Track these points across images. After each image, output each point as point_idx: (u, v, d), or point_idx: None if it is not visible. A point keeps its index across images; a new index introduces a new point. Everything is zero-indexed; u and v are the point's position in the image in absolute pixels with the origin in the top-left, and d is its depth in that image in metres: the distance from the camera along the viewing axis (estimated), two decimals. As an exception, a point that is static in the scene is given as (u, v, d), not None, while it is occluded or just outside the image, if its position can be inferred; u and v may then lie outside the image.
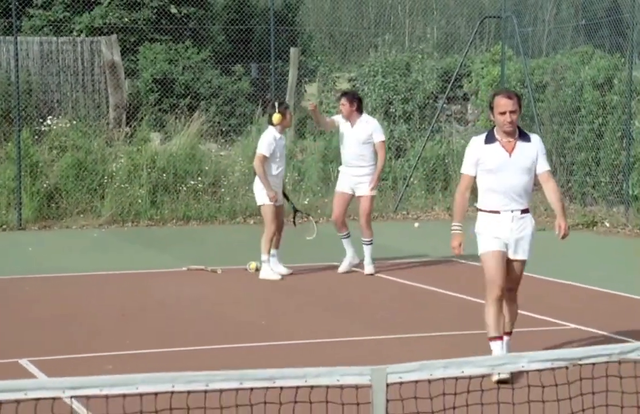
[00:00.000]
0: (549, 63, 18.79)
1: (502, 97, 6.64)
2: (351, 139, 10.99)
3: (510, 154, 6.61)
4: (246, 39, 21.54)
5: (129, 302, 9.67)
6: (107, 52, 19.27)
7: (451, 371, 3.41)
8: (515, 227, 6.66)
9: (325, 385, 3.26)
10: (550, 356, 3.48)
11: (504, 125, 6.58)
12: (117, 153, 16.63)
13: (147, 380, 3.15)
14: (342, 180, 11.22)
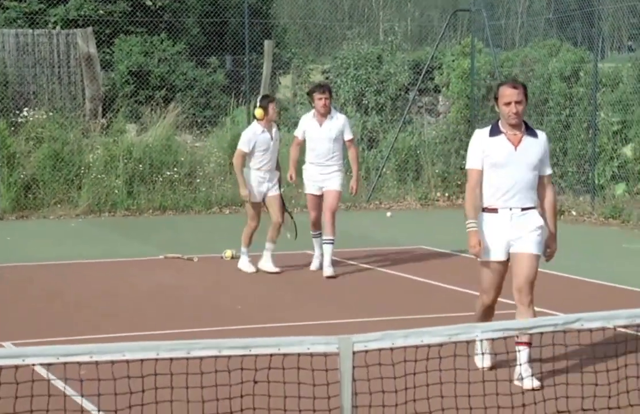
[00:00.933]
0: (518, 55, 19.19)
1: (507, 87, 6.25)
2: (321, 136, 10.43)
3: (516, 147, 6.23)
4: (221, 31, 21.76)
5: (107, 290, 9.93)
6: (83, 44, 19.44)
7: (411, 340, 3.73)
8: (515, 224, 6.23)
9: (297, 353, 3.56)
10: (501, 327, 3.80)
11: (509, 116, 6.18)
12: (94, 144, 16.85)
13: (133, 348, 3.44)
14: (309, 180, 10.60)
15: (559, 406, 3.91)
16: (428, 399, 3.83)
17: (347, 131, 10.59)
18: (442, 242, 13.05)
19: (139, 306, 9.14)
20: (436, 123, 19.68)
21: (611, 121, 16.79)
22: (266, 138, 10.45)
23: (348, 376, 3.59)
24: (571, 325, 3.87)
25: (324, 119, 10.43)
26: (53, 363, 3.31)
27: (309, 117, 10.64)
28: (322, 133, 10.43)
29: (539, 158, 6.28)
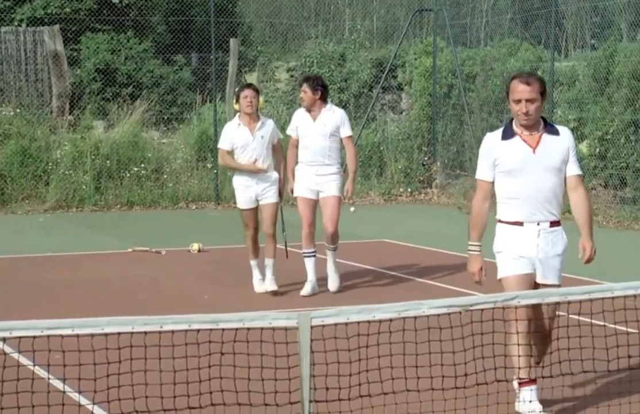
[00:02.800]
0: (478, 54, 19.65)
1: (519, 82, 5.34)
2: (314, 132, 9.18)
3: (534, 149, 5.33)
4: (187, 29, 22.03)
5: (76, 280, 10.20)
6: (50, 41, 19.62)
7: (364, 316, 4.10)
8: (542, 243, 5.32)
9: (260, 327, 3.92)
10: (446, 303, 4.19)
11: (518, 116, 5.33)
12: (61, 141, 17.08)
13: (110, 322, 3.79)
14: (302, 182, 9.28)
15: (498, 375, 4.31)
16: (379, 369, 4.21)
17: (345, 127, 9.33)
18: (404, 235, 13.46)
19: (109, 294, 9.44)
20: (399, 120, 20.10)
21: (568, 118, 17.29)
22: (243, 134, 9.22)
23: (306, 348, 3.95)
24: (510, 302, 4.27)
25: (318, 113, 9.21)
26: (38, 336, 3.65)
27: (301, 112, 9.44)
28: (316, 128, 9.19)
29: (563, 158, 5.37)
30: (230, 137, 9.28)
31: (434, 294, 9.04)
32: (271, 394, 4.00)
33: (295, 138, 9.40)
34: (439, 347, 4.36)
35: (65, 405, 4.00)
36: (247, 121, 9.22)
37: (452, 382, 4.27)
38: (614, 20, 19.92)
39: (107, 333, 3.72)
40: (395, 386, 4.31)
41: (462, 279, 9.96)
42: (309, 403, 3.87)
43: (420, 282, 9.99)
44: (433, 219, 15.86)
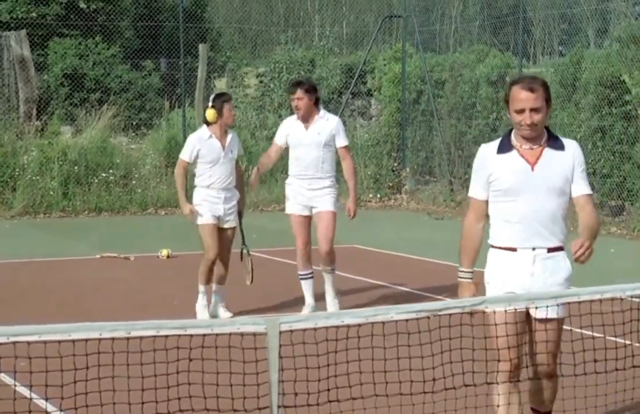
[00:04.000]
0: (447, 60, 19.76)
1: (521, 89, 4.60)
2: (307, 142, 8.38)
3: (533, 166, 4.64)
4: (155, 34, 21.96)
5: (43, 286, 10.13)
6: (17, 46, 19.47)
7: (332, 321, 4.11)
8: (538, 271, 4.65)
9: (228, 333, 3.91)
10: (414, 308, 4.20)
11: (521, 128, 4.61)
12: (28, 146, 16.96)
13: (78, 329, 3.76)
14: (293, 198, 8.52)
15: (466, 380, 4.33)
16: (348, 375, 4.22)
17: (341, 136, 8.50)
18: (373, 241, 13.49)
19: (77, 300, 9.39)
20: (369, 126, 20.16)
21: (535, 124, 17.42)
22: (214, 147, 8.41)
23: (275, 354, 3.94)
24: (478, 307, 4.29)
25: (311, 121, 8.42)
26: (3, 342, 3.61)
27: (291, 120, 8.59)
28: (309, 138, 8.39)
29: (567, 177, 4.65)
30: (196, 149, 8.39)
31: (403, 300, 9.08)
32: (240, 400, 4.00)
33: (280, 145, 8.59)
34: (407, 352, 4.38)
35: (31, 412, 3.97)
36: (219, 134, 8.41)
37: (420, 387, 4.28)
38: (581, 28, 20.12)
39: (75, 339, 3.69)
40: (363, 391, 4.32)
41: (431, 285, 10.01)
42: (277, 408, 3.87)
43: (390, 288, 10.03)
44: (402, 224, 15.92)
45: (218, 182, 8.43)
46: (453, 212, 17.05)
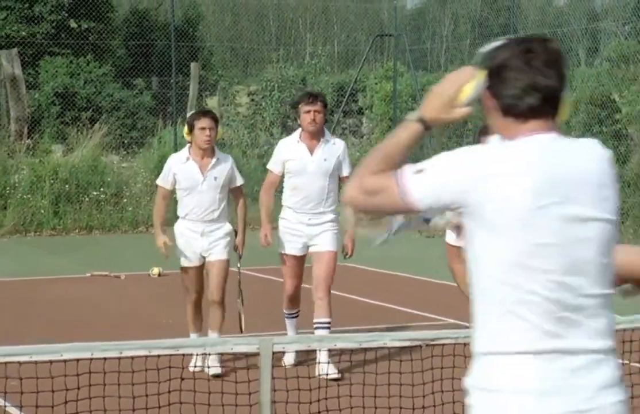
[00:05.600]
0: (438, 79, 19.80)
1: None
2: (313, 170, 7.20)
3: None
4: (147, 53, 21.99)
5: (33, 306, 10.08)
6: (8, 65, 19.46)
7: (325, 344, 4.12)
8: None
9: (221, 352, 3.91)
10: (408, 336, 4.20)
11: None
12: (19, 165, 16.94)
13: (69, 349, 3.75)
14: (289, 235, 7.28)
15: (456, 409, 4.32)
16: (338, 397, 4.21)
17: (347, 163, 7.32)
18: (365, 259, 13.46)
19: (67, 319, 9.34)
20: (360, 144, 20.19)
21: (526, 142, 17.50)
22: (191, 172, 7.22)
23: (267, 374, 3.94)
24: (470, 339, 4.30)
25: (316, 144, 7.22)
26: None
27: (291, 142, 7.33)
28: (314, 165, 7.20)
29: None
30: (172, 172, 7.26)
31: (395, 319, 9.05)
32: (232, 420, 3.99)
33: (278, 175, 7.35)
34: (398, 379, 4.37)
35: (22, 433, 3.96)
36: (199, 156, 7.17)
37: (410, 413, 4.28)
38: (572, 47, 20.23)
39: (66, 359, 3.68)
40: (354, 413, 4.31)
41: (422, 303, 10.00)
42: (269, 428, 3.86)
43: (381, 306, 10.01)
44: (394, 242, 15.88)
45: (194, 213, 7.16)
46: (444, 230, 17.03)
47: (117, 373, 3.89)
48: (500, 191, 2.41)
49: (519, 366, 2.37)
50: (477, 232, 2.46)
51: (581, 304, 2.42)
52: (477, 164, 2.46)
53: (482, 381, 2.44)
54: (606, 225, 2.48)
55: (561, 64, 2.53)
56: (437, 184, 2.49)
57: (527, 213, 2.40)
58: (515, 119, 2.51)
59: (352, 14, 41.30)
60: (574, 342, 2.41)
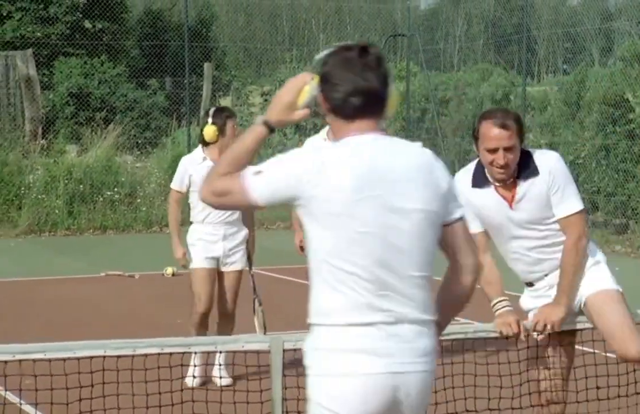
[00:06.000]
0: (451, 79, 19.84)
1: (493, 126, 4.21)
2: None
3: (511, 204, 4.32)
4: (160, 53, 22.06)
5: (48, 306, 10.15)
6: (23, 66, 19.57)
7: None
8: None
9: (232, 351, 3.94)
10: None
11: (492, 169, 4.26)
12: (34, 165, 17.02)
13: (83, 347, 3.80)
14: None
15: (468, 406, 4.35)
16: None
17: None
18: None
19: (82, 318, 9.40)
20: (373, 144, 20.21)
21: (539, 142, 17.47)
22: None
23: (278, 371, 3.97)
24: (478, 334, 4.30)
25: None
26: (9, 360, 3.64)
27: (318, 142, 6.62)
28: None
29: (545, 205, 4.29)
30: (187, 174, 6.98)
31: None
32: (243, 417, 4.03)
33: None
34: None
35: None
36: (217, 157, 6.68)
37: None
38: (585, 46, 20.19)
39: (80, 356, 3.73)
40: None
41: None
42: (281, 426, 3.89)
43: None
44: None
45: (215, 215, 6.82)
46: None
47: (130, 371, 3.93)
48: (325, 185, 2.77)
49: (343, 332, 2.75)
50: (307, 221, 2.82)
51: (399, 283, 2.78)
52: (305, 162, 2.84)
53: (314, 343, 2.81)
54: (421, 214, 2.80)
55: (381, 67, 2.85)
56: (272, 182, 2.87)
57: (348, 205, 2.75)
58: (343, 119, 2.87)
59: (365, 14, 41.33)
60: (392, 315, 2.77)
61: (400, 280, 2.79)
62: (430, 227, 2.83)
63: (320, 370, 2.78)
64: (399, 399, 2.75)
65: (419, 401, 2.79)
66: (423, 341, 2.80)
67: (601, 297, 4.24)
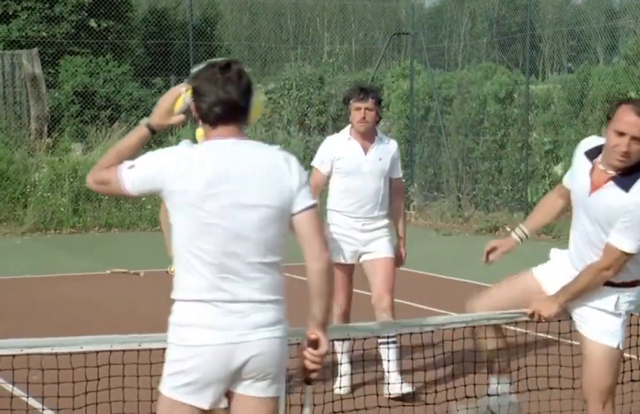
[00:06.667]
0: (455, 77, 19.87)
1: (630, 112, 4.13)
2: (368, 170, 6.59)
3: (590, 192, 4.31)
4: (165, 52, 22.15)
5: (54, 303, 10.23)
6: (28, 64, 19.67)
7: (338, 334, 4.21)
8: None
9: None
10: (419, 322, 4.30)
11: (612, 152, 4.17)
12: (39, 163, 17.11)
13: (89, 341, 3.87)
14: (339, 242, 6.63)
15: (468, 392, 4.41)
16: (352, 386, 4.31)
17: (398, 165, 6.81)
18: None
19: (87, 315, 9.48)
20: (377, 143, 20.26)
21: (543, 141, 17.51)
22: None
23: (282, 365, 4.04)
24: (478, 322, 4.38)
25: (370, 142, 6.62)
26: (17, 354, 3.72)
27: (341, 140, 6.69)
28: (369, 164, 6.61)
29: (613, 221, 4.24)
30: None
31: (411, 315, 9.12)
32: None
33: (324, 175, 6.69)
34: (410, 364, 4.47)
35: (43, 423, 4.08)
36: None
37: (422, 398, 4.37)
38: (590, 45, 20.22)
39: (86, 351, 3.80)
40: (367, 402, 4.41)
41: (438, 300, 10.08)
42: (284, 419, 3.96)
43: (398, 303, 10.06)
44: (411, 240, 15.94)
45: None
46: (461, 227, 17.12)
47: (135, 365, 4.01)
48: (184, 181, 3.28)
49: (191, 308, 3.28)
50: (171, 210, 3.34)
51: (242, 267, 3.27)
52: (170, 159, 3.36)
53: (171, 317, 3.34)
54: (266, 209, 3.28)
55: (241, 80, 3.33)
56: (142, 175, 3.38)
57: (200, 199, 3.26)
58: (209, 126, 3.38)
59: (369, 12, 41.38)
60: (231, 295, 3.25)
61: (243, 266, 3.28)
62: (274, 220, 3.30)
63: (172, 339, 3.32)
64: (238, 365, 3.26)
65: (259, 364, 3.28)
66: (261, 316, 3.29)
67: (596, 352, 4.31)
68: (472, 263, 13.31)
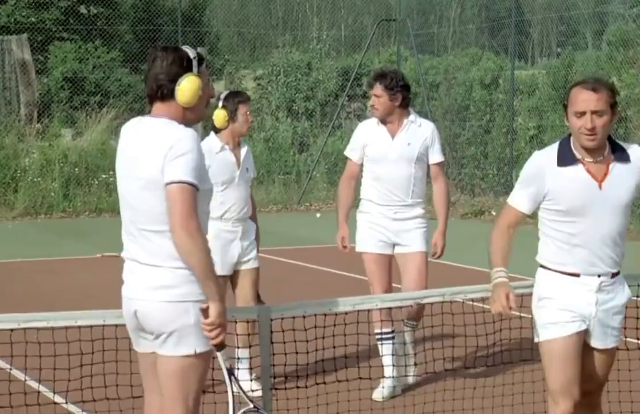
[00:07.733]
0: (441, 63, 20.07)
1: (583, 89, 4.03)
2: (395, 156, 6.23)
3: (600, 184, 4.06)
4: (154, 37, 22.24)
5: (45, 286, 10.41)
6: (18, 50, 19.77)
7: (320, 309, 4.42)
8: (602, 299, 4.11)
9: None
10: (398, 297, 4.52)
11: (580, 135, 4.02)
12: (29, 148, 17.27)
13: (83, 316, 4.08)
14: (370, 232, 6.28)
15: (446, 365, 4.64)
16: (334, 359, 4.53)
17: (436, 149, 6.37)
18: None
19: (79, 298, 9.65)
20: (364, 128, 20.43)
21: (528, 126, 17.75)
22: (228, 161, 6.29)
23: (266, 340, 4.25)
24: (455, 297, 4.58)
25: (398, 126, 6.26)
26: (15, 328, 3.92)
27: (370, 125, 6.37)
28: (396, 151, 6.25)
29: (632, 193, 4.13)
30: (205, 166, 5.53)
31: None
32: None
33: (357, 163, 6.38)
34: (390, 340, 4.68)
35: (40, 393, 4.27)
36: (232, 145, 6.31)
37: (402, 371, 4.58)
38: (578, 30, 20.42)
39: (81, 325, 4.00)
40: (348, 374, 4.62)
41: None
42: (269, 390, 4.17)
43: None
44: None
45: (233, 211, 6.26)
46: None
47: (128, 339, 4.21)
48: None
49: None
50: None
51: (136, 233, 3.69)
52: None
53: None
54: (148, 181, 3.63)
55: (154, 65, 3.80)
56: None
57: (117, 171, 3.83)
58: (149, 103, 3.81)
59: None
60: (131, 255, 3.74)
61: (138, 231, 3.69)
62: (156, 190, 3.62)
63: None
64: (138, 318, 3.70)
65: (151, 321, 3.64)
66: (150, 279, 3.66)
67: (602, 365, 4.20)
68: (458, 247, 13.52)
